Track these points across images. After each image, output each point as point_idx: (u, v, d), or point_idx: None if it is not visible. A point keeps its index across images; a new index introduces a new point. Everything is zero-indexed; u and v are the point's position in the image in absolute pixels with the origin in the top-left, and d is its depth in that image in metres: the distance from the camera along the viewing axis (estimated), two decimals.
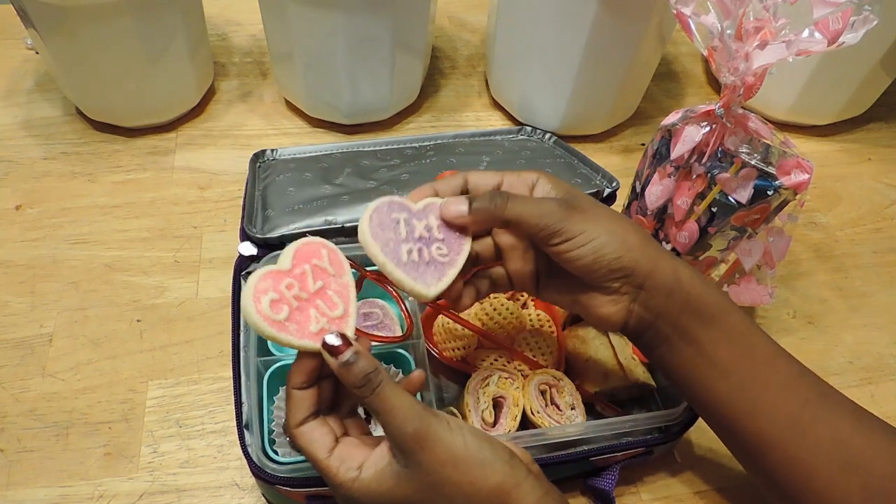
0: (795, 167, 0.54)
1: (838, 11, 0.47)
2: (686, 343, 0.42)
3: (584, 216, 0.40)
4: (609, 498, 0.51)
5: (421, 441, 0.36)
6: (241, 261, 0.56)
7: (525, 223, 0.40)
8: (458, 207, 0.41)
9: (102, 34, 0.66)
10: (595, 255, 0.40)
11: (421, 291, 0.40)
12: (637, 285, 0.41)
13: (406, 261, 0.40)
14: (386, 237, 0.40)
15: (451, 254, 0.42)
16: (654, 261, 0.41)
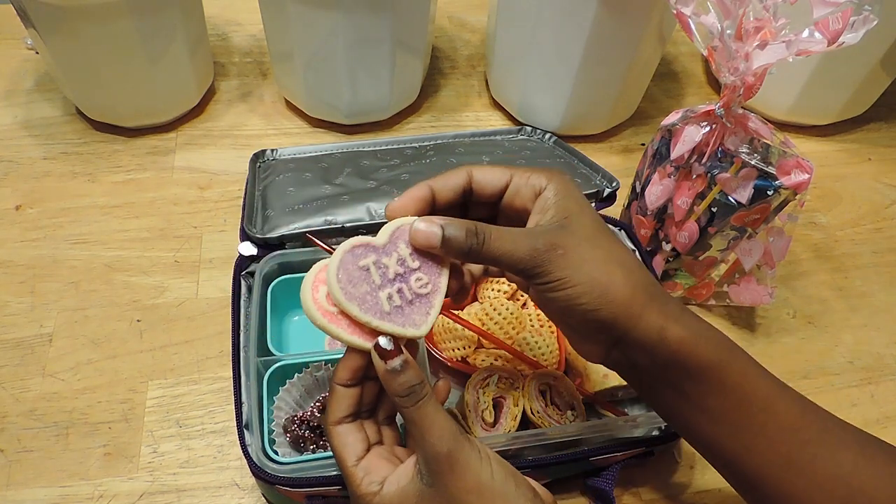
0: (795, 167, 0.54)
1: (838, 11, 0.47)
2: (671, 390, 0.40)
3: (567, 260, 0.37)
4: (609, 498, 0.51)
5: (452, 463, 0.35)
6: (241, 261, 0.56)
7: (503, 265, 0.38)
8: (429, 235, 0.37)
9: (102, 34, 0.66)
10: (569, 303, 0.37)
11: (413, 334, 0.38)
12: (616, 338, 0.39)
13: (389, 310, 0.38)
14: (360, 293, 0.37)
15: (431, 280, 0.39)
16: (637, 318, 0.37)
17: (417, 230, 0.38)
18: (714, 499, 0.54)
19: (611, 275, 0.37)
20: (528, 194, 0.40)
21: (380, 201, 0.59)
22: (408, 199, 0.40)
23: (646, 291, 0.38)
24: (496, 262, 0.38)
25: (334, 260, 0.37)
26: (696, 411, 0.40)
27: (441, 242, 0.37)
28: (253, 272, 0.56)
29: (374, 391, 0.41)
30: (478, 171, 0.41)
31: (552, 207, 0.39)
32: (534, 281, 0.38)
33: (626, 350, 0.39)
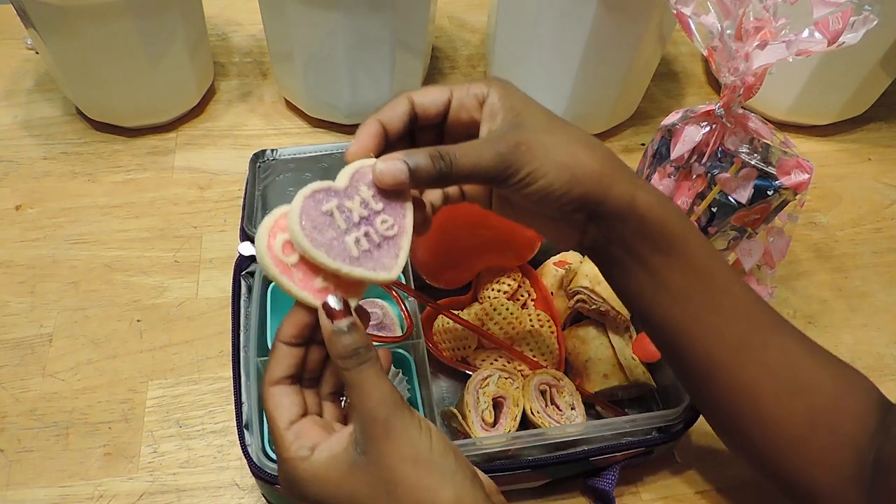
0: (795, 167, 0.54)
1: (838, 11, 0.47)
2: (640, 267, 0.41)
3: (532, 153, 0.37)
4: (609, 498, 0.51)
5: (389, 430, 0.34)
6: (241, 261, 0.56)
7: (474, 179, 0.38)
8: (396, 172, 0.36)
9: (102, 34, 0.66)
10: (542, 193, 0.38)
11: (384, 278, 0.37)
12: (589, 212, 0.40)
13: (358, 255, 0.36)
14: (327, 239, 0.35)
15: (397, 221, 0.37)
16: (608, 188, 0.39)
17: (383, 171, 0.36)
18: (714, 499, 0.54)
19: (576, 155, 0.38)
20: (473, 104, 0.40)
21: None
22: (365, 139, 0.38)
23: (612, 163, 0.39)
24: (467, 177, 0.37)
25: (295, 206, 0.35)
26: (662, 291, 0.41)
27: (409, 176, 0.36)
28: (253, 272, 0.56)
29: (320, 357, 0.39)
30: (417, 95, 0.40)
31: (500, 110, 0.39)
32: (506, 183, 0.38)
33: (600, 224, 0.40)
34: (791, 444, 0.42)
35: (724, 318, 0.42)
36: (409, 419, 0.35)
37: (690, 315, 0.42)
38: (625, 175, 0.40)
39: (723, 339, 0.42)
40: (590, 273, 0.56)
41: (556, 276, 0.60)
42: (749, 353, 0.42)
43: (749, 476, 0.55)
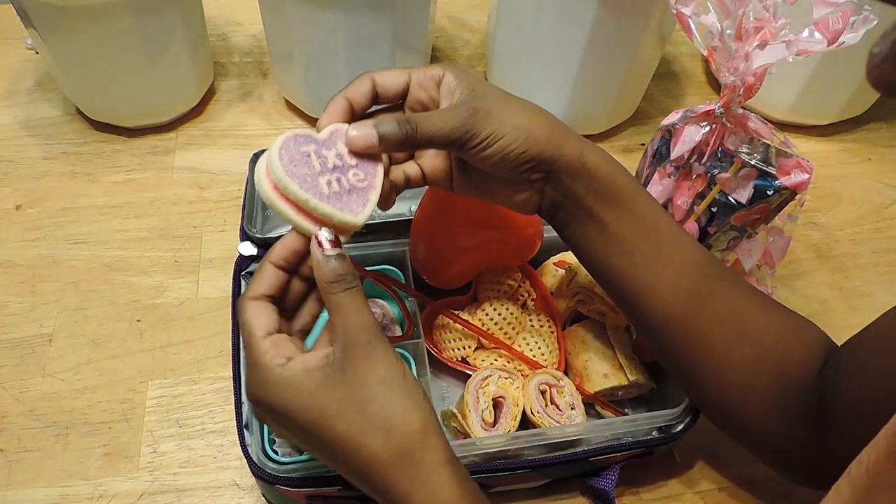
0: (795, 167, 0.54)
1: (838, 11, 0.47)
2: (592, 222, 0.44)
3: (490, 118, 0.40)
4: (609, 498, 0.51)
5: (369, 352, 0.36)
6: (241, 261, 0.56)
7: (437, 142, 0.41)
8: (366, 137, 0.40)
9: (102, 34, 0.66)
10: (502, 154, 0.41)
11: (350, 220, 0.40)
12: (545, 171, 0.43)
13: (328, 193, 0.39)
14: (301, 173, 0.39)
15: (368, 177, 0.41)
16: (559, 147, 0.42)
17: (354, 137, 0.40)
18: (714, 499, 0.54)
19: (530, 119, 0.42)
20: (430, 84, 0.43)
21: None
22: (333, 113, 0.42)
23: (561, 127, 0.43)
24: (430, 140, 0.40)
25: (277, 141, 0.39)
26: (613, 244, 0.44)
27: (379, 141, 0.40)
28: (252, 272, 0.56)
29: (300, 291, 0.41)
30: (378, 75, 0.43)
31: (457, 87, 0.42)
32: (467, 146, 0.41)
33: (555, 183, 0.44)
34: (741, 390, 0.45)
35: (672, 268, 0.44)
36: (387, 347, 0.37)
37: (640, 266, 0.44)
38: (572, 136, 0.43)
39: (672, 290, 0.44)
40: None
41: (556, 276, 0.60)
42: (698, 302, 0.44)
43: (749, 476, 0.55)
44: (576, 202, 0.44)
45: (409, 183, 0.46)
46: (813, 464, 0.44)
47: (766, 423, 0.45)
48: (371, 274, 0.54)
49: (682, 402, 0.51)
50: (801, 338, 0.45)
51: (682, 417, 0.51)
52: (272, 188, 0.38)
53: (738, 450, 0.56)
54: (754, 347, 0.44)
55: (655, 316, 0.45)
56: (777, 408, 0.44)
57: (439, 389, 0.57)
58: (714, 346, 0.44)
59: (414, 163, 0.46)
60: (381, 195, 0.42)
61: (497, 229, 0.55)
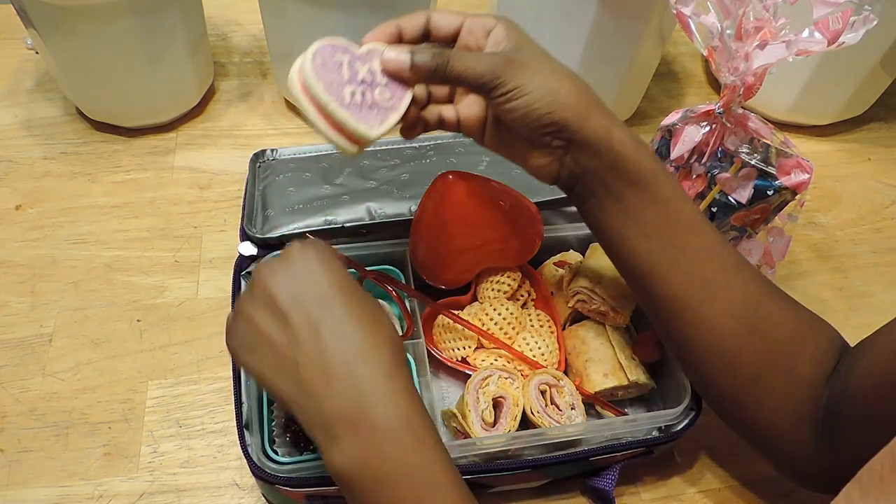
0: (795, 167, 0.55)
1: (838, 11, 0.47)
2: (612, 200, 0.44)
3: (523, 71, 0.41)
4: (609, 498, 0.51)
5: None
6: (240, 261, 0.56)
7: (465, 81, 0.41)
8: (399, 60, 0.42)
9: (102, 34, 0.66)
10: (526, 109, 0.41)
11: (364, 132, 0.41)
12: (567, 139, 0.43)
13: (349, 102, 0.41)
14: (329, 78, 0.40)
15: (393, 99, 0.42)
16: (585, 118, 0.42)
17: (388, 57, 0.42)
18: (714, 499, 0.54)
19: (560, 82, 0.42)
20: (480, 32, 0.44)
21: (380, 201, 0.59)
22: (379, 34, 0.43)
23: (591, 97, 0.43)
24: (459, 77, 0.41)
25: (315, 44, 0.41)
26: (632, 225, 0.44)
27: (410, 66, 0.42)
28: (253, 272, 0.56)
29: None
30: (434, 14, 0.45)
31: (504, 40, 0.43)
32: (494, 93, 0.41)
33: (576, 154, 0.43)
34: (750, 383, 0.44)
35: (690, 255, 0.44)
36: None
37: (658, 250, 0.44)
38: (602, 110, 0.43)
39: (688, 276, 0.44)
40: (590, 273, 0.56)
41: (556, 276, 0.60)
42: (713, 290, 0.44)
43: (749, 476, 0.55)
44: (596, 178, 0.44)
45: (441, 124, 0.47)
46: (816, 464, 0.44)
47: (772, 417, 0.44)
48: (371, 274, 0.54)
49: (682, 402, 0.51)
50: (814, 335, 0.45)
51: (682, 417, 0.51)
52: (301, 87, 0.40)
53: (738, 450, 0.56)
54: (766, 341, 0.44)
55: (669, 301, 0.45)
56: (785, 403, 0.44)
57: (439, 389, 0.57)
58: (726, 336, 0.44)
59: (452, 106, 0.47)
60: (406, 123, 0.43)
61: (497, 229, 0.55)
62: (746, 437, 0.48)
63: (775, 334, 0.44)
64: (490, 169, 0.63)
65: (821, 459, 0.43)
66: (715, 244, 0.44)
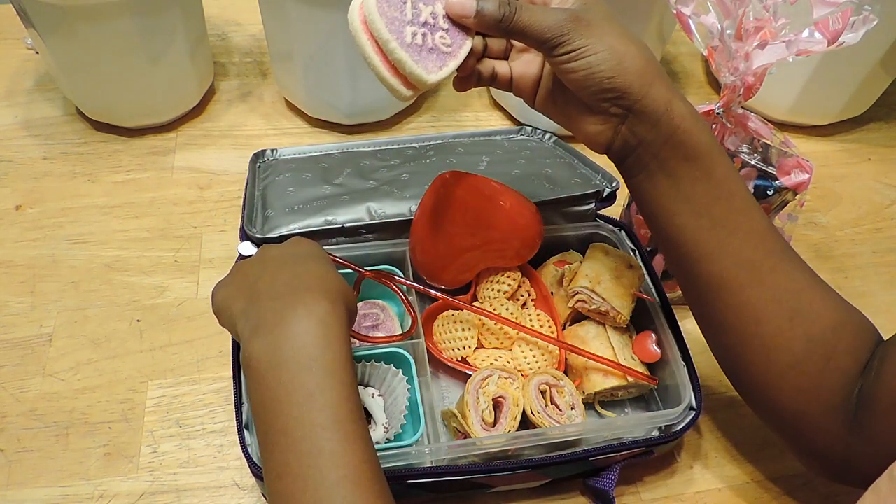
0: (795, 167, 0.55)
1: (838, 11, 0.47)
2: (665, 175, 0.43)
3: (590, 30, 0.40)
4: (609, 498, 0.51)
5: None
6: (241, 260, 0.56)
7: (530, 35, 0.40)
8: (465, 5, 0.41)
9: (102, 34, 0.66)
10: (588, 71, 0.40)
11: (421, 75, 0.40)
12: (626, 108, 0.42)
13: (409, 42, 0.40)
14: (392, 15, 0.40)
15: (454, 45, 0.42)
16: (648, 87, 0.41)
17: (454, 2, 0.41)
18: (714, 499, 0.54)
19: (627, 46, 0.41)
20: None
21: (380, 201, 0.59)
22: None
23: (656, 66, 0.42)
24: (524, 31, 0.40)
25: None
26: (683, 201, 0.43)
27: (475, 13, 0.41)
28: None
29: None
30: None
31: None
32: (557, 51, 0.40)
33: (633, 124, 0.42)
34: (786, 369, 0.44)
35: (739, 237, 0.43)
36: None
37: (706, 229, 0.43)
38: (664, 80, 0.42)
39: (735, 258, 0.43)
40: (590, 273, 0.56)
41: (556, 276, 0.60)
42: (757, 274, 0.43)
43: (749, 476, 0.55)
44: (651, 151, 0.43)
45: (494, 79, 0.46)
46: (841, 453, 0.43)
47: (804, 404, 0.44)
48: (370, 273, 0.54)
49: (682, 402, 0.51)
50: (853, 326, 0.45)
51: (682, 417, 0.51)
52: (361, 20, 0.40)
53: (737, 450, 0.56)
54: (806, 328, 0.43)
55: (712, 281, 0.44)
56: (819, 392, 0.43)
57: (439, 389, 0.57)
58: (766, 320, 0.44)
59: (506, 63, 0.46)
60: (463, 72, 0.43)
61: (497, 229, 0.55)
62: (774, 423, 0.47)
63: (816, 322, 0.43)
64: (490, 169, 0.63)
65: (846, 450, 0.43)
66: (764, 228, 0.44)
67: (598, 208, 0.62)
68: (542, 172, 0.63)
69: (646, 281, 0.58)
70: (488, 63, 0.46)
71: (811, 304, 0.44)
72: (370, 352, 0.53)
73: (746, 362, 0.46)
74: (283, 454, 0.36)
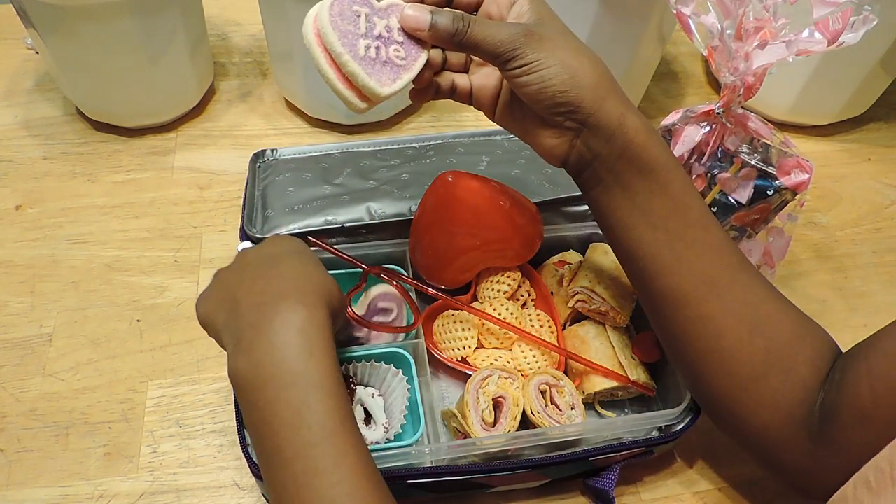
0: (795, 167, 0.55)
1: (838, 11, 0.47)
2: (621, 188, 0.43)
3: (542, 45, 0.40)
4: (609, 498, 0.51)
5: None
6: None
7: (483, 49, 0.40)
8: (419, 19, 0.41)
9: (102, 34, 0.66)
10: (541, 85, 0.40)
11: (374, 88, 0.40)
12: (580, 122, 0.42)
13: (363, 55, 0.40)
14: (345, 28, 0.40)
15: (408, 59, 0.42)
16: (601, 101, 0.41)
17: (408, 14, 0.41)
18: (714, 499, 0.54)
19: (580, 61, 0.41)
20: (504, 2, 0.43)
21: (380, 201, 0.59)
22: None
23: (609, 80, 0.42)
24: (477, 45, 0.40)
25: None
26: (639, 215, 0.44)
27: (429, 27, 0.41)
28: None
29: None
30: None
31: (527, 13, 0.42)
32: (510, 65, 0.40)
33: (587, 138, 0.43)
34: (747, 382, 0.44)
35: (696, 251, 0.44)
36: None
37: (663, 243, 0.44)
38: (618, 95, 0.42)
39: (692, 271, 0.44)
40: (590, 273, 0.56)
41: (556, 276, 0.60)
42: (716, 288, 0.44)
43: (749, 476, 0.55)
44: (606, 165, 0.43)
45: (454, 92, 0.46)
46: (807, 465, 0.44)
47: (767, 417, 0.44)
48: (374, 269, 0.54)
49: (682, 402, 0.51)
50: (812, 338, 0.45)
51: (682, 417, 0.51)
52: (315, 34, 0.40)
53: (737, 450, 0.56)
54: (766, 341, 0.43)
55: (669, 295, 0.44)
56: (780, 404, 0.44)
57: (439, 389, 0.57)
58: (725, 334, 0.44)
59: (466, 76, 0.46)
60: (418, 86, 0.43)
61: (497, 229, 0.55)
62: (738, 437, 0.48)
63: (775, 335, 0.44)
64: (490, 169, 0.63)
65: (812, 463, 0.43)
66: (721, 242, 0.44)
67: None
68: (543, 172, 0.63)
69: None
70: (447, 76, 0.46)
71: (769, 316, 0.44)
72: (370, 352, 0.53)
73: (708, 375, 0.46)
74: (278, 473, 0.36)
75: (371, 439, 0.50)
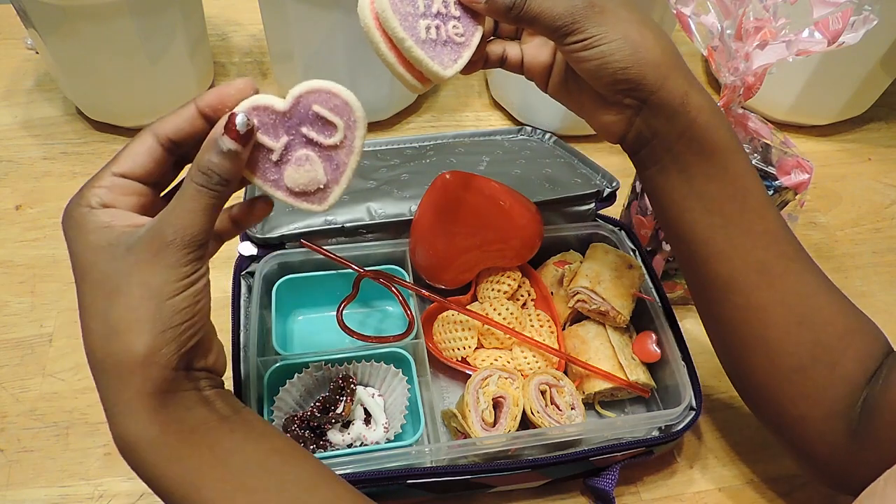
0: (795, 167, 0.55)
1: (838, 11, 0.47)
2: (678, 170, 0.42)
3: (603, 17, 0.38)
4: (609, 498, 0.51)
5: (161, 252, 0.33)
6: (240, 261, 0.56)
7: (541, 23, 0.39)
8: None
9: (102, 34, 0.66)
10: (601, 61, 0.38)
11: (438, 72, 0.40)
12: (641, 99, 0.40)
13: (424, 38, 0.39)
14: (405, 10, 0.39)
15: (466, 34, 0.41)
16: (664, 78, 0.39)
17: None
18: (714, 499, 0.54)
19: (643, 35, 0.38)
20: None
21: (380, 201, 0.59)
22: None
23: (674, 56, 0.40)
24: (535, 19, 0.38)
25: None
26: (696, 198, 0.42)
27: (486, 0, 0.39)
28: (253, 272, 0.56)
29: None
30: None
31: None
32: (569, 39, 0.38)
33: (648, 116, 0.40)
34: (790, 374, 0.43)
35: (752, 238, 0.42)
36: (183, 265, 0.33)
37: (719, 228, 0.42)
38: (682, 71, 0.40)
39: (745, 259, 0.42)
40: (590, 273, 0.56)
41: (556, 276, 0.60)
42: (768, 277, 0.42)
43: (749, 476, 0.55)
44: (665, 145, 0.41)
45: (504, 61, 0.44)
46: (841, 461, 0.43)
47: (806, 409, 0.43)
48: (370, 273, 0.54)
49: (682, 402, 0.51)
50: (862, 334, 0.44)
51: (682, 417, 0.51)
52: (373, 17, 0.39)
53: (737, 450, 0.56)
54: (814, 334, 0.42)
55: (719, 281, 0.43)
56: (822, 397, 0.43)
57: (439, 389, 0.57)
58: (774, 324, 0.43)
59: (517, 44, 0.44)
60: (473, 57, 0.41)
61: (497, 229, 0.55)
62: (775, 427, 0.47)
63: (824, 328, 0.43)
64: (490, 169, 0.63)
65: (847, 458, 0.42)
66: (777, 229, 0.43)
67: (598, 208, 0.63)
68: (543, 172, 0.63)
69: (646, 281, 0.58)
70: (498, 45, 0.44)
71: (820, 309, 0.43)
72: (370, 352, 0.53)
73: (750, 364, 0.45)
74: None
75: (371, 439, 0.50)
